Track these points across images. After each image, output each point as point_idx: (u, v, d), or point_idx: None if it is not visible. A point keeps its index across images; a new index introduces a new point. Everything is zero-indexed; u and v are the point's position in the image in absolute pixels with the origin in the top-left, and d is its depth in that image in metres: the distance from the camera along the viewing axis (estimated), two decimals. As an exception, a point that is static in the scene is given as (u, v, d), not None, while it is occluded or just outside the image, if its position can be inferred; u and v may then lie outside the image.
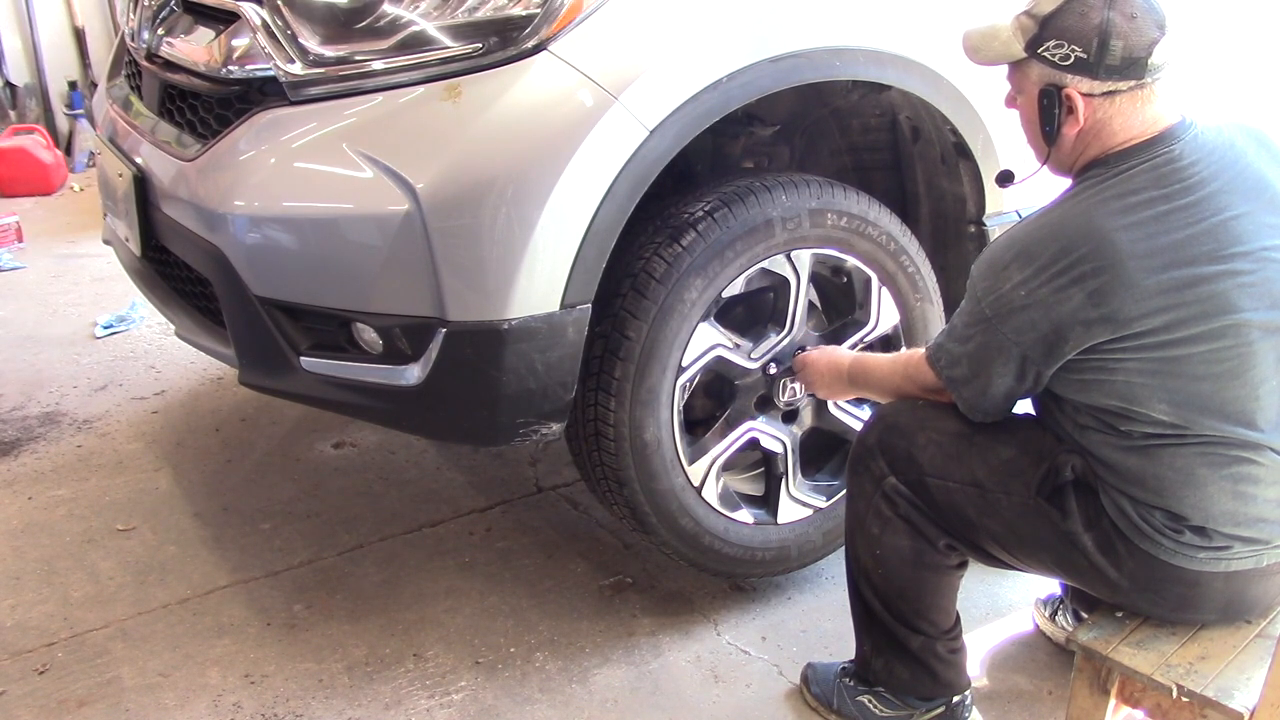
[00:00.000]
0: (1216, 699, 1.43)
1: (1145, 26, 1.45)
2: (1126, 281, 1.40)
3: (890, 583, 1.70)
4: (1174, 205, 1.44)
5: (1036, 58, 1.50)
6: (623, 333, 1.80)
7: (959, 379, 1.58)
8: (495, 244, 1.61)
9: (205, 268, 1.83)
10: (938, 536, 1.66)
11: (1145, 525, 1.49)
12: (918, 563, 1.68)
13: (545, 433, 1.79)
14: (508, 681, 1.94)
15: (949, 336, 1.60)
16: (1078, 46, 1.46)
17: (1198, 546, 1.48)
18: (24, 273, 4.01)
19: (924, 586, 1.70)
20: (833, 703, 1.83)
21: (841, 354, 1.92)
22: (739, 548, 2.03)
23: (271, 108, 1.74)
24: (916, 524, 1.66)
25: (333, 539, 2.34)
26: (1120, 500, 1.51)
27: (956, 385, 1.59)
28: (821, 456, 2.18)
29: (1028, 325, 1.47)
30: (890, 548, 1.68)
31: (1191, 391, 1.44)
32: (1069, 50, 1.46)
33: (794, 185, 1.88)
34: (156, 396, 2.99)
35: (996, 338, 1.50)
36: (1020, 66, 1.54)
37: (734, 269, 1.85)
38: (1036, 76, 1.52)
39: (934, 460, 1.63)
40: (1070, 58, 1.47)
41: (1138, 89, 1.47)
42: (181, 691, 1.90)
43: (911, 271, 2.05)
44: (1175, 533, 1.48)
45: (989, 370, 1.54)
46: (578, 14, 1.63)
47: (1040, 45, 1.49)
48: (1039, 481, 1.56)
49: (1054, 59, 1.48)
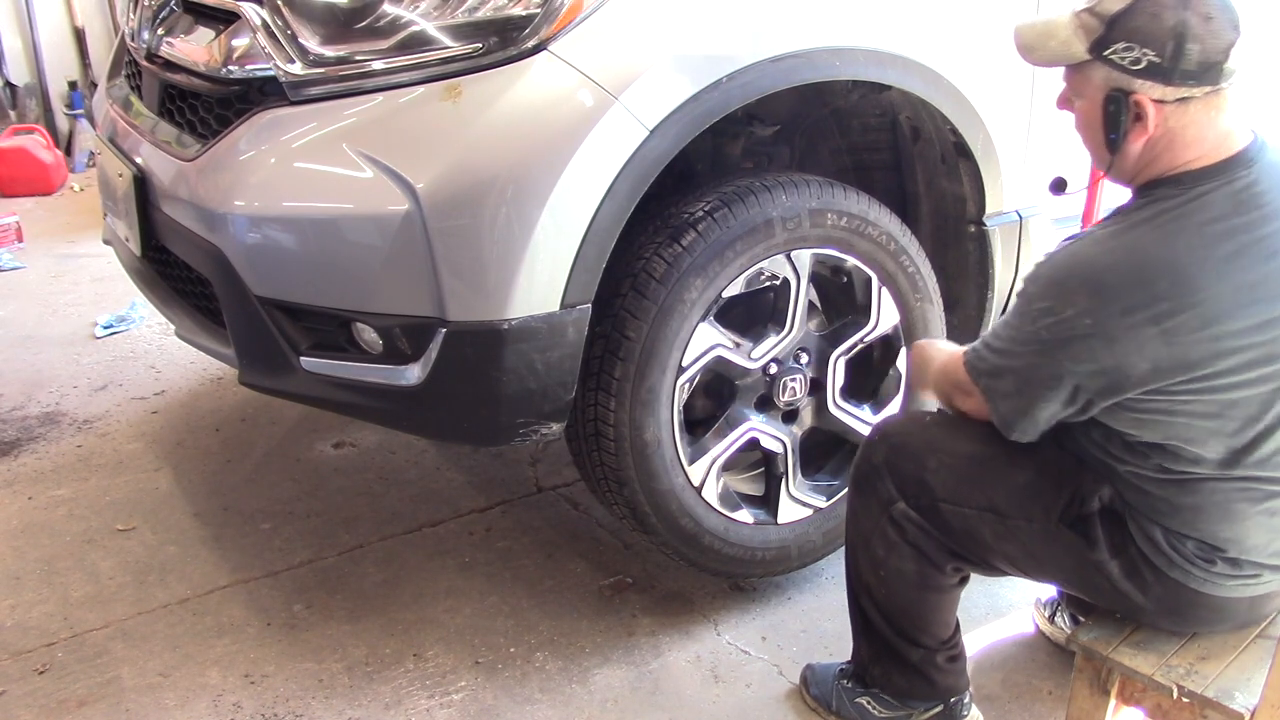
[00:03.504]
0: (1217, 700, 1.43)
1: (1222, 28, 1.33)
2: (1205, 320, 1.32)
3: (892, 600, 1.68)
4: (1254, 235, 1.34)
5: (1102, 60, 1.38)
6: (622, 333, 1.79)
7: (1000, 392, 1.49)
8: (495, 244, 1.61)
9: (205, 268, 1.83)
10: (945, 561, 1.62)
11: (1176, 555, 1.45)
12: (922, 585, 1.65)
13: (545, 433, 1.79)
14: (508, 681, 1.94)
15: (992, 346, 1.50)
16: (1150, 50, 1.33)
17: (1229, 575, 1.46)
18: (24, 273, 4.01)
19: (926, 605, 1.68)
20: (831, 704, 1.83)
21: (935, 348, 1.73)
22: (739, 548, 2.03)
23: (271, 108, 1.73)
24: (924, 549, 1.61)
25: (333, 539, 2.34)
26: (1151, 529, 1.46)
27: (995, 398, 1.50)
28: (821, 456, 2.18)
29: (1088, 356, 1.37)
30: (895, 570, 1.65)
31: (1247, 435, 1.38)
32: (1140, 54, 1.34)
33: (794, 185, 1.88)
34: (156, 396, 2.99)
35: (1050, 363, 1.40)
36: (1081, 68, 1.42)
37: (734, 269, 1.84)
38: (1101, 80, 1.39)
39: (947, 484, 1.57)
40: (1141, 61, 1.34)
41: (1213, 96, 1.36)
42: (181, 691, 1.90)
43: (912, 271, 2.05)
44: (1207, 563, 1.45)
45: (1035, 392, 1.44)
46: (578, 14, 1.63)
47: (1107, 47, 1.37)
48: (1062, 508, 1.50)
49: (1123, 62, 1.36)
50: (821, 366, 2.05)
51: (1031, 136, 2.11)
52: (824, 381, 2.06)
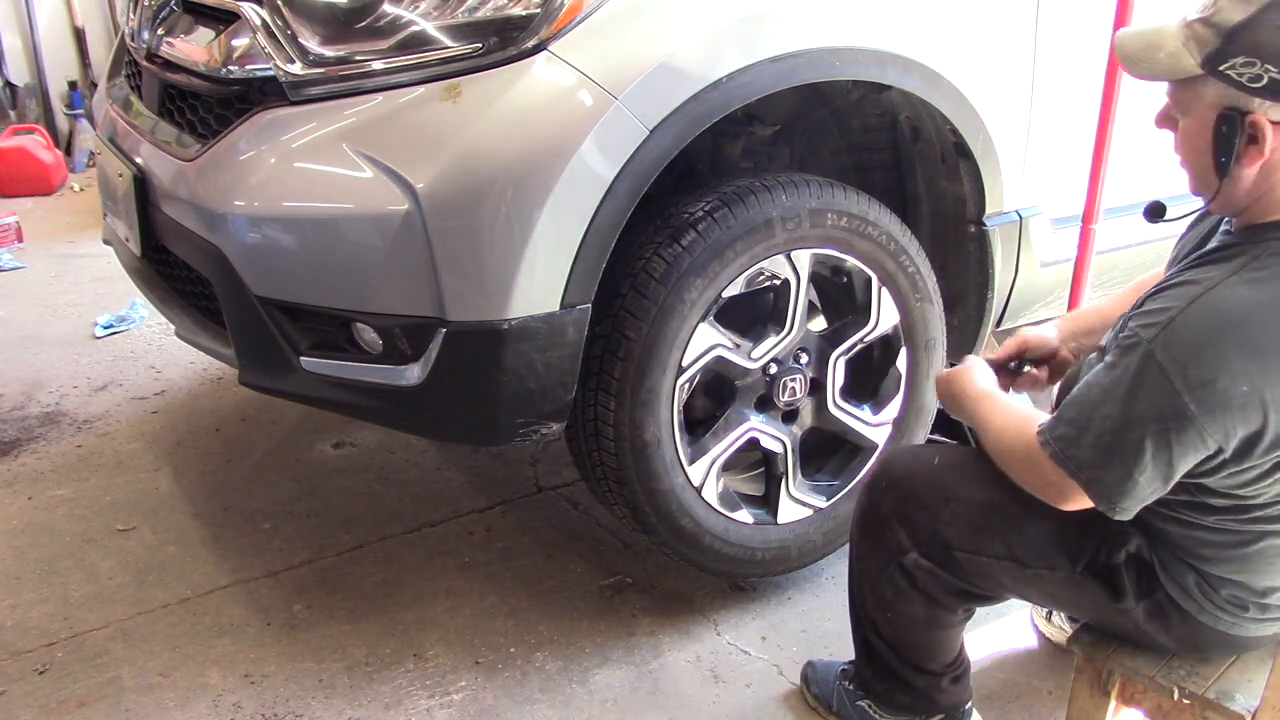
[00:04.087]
0: (1217, 701, 1.43)
1: None
2: None
3: (899, 636, 1.67)
4: None
5: (1217, 75, 1.25)
6: (622, 332, 1.79)
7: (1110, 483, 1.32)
8: (495, 244, 1.61)
9: (205, 267, 1.83)
10: (957, 603, 1.60)
11: (1207, 601, 1.43)
12: (930, 623, 1.63)
13: (545, 433, 1.79)
14: (508, 681, 1.94)
15: (1091, 423, 1.32)
16: (1274, 66, 1.21)
17: (1259, 619, 1.45)
18: (24, 273, 4.01)
19: (933, 639, 1.67)
20: (832, 704, 1.83)
21: (969, 384, 1.59)
22: (739, 548, 2.03)
23: (271, 108, 1.73)
24: (935, 594, 1.58)
25: (333, 539, 2.34)
26: (1184, 577, 1.42)
27: (1100, 488, 1.34)
28: (821, 456, 2.18)
29: (1240, 424, 1.25)
30: (903, 613, 1.62)
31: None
32: (1262, 70, 1.22)
33: (794, 185, 1.88)
34: (156, 396, 2.99)
35: (1189, 434, 1.26)
36: (1190, 84, 1.29)
37: (734, 269, 1.84)
38: (1214, 97, 1.27)
39: (962, 534, 1.51)
40: (1263, 79, 1.22)
41: None
42: (181, 691, 1.90)
43: (911, 272, 2.05)
44: (1239, 609, 1.43)
45: (1160, 468, 1.30)
46: (578, 14, 1.63)
47: (1224, 61, 1.24)
48: (1088, 559, 1.46)
49: (1241, 79, 1.23)
50: (821, 366, 2.05)
51: (1031, 137, 2.11)
52: (824, 381, 2.06)
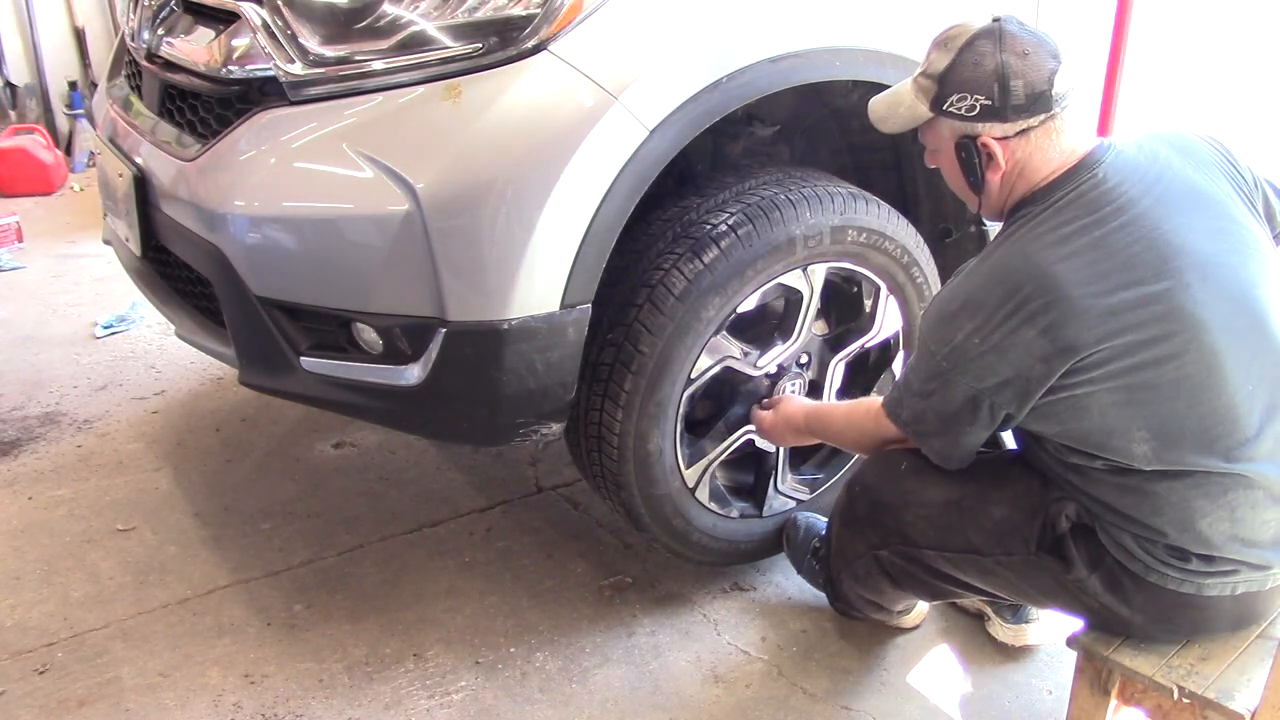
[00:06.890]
0: (1217, 700, 1.44)
1: (1040, 60, 1.45)
2: (1076, 311, 1.39)
3: (868, 591, 1.86)
4: (1109, 228, 1.43)
5: (944, 114, 1.51)
6: (636, 346, 1.79)
7: (927, 433, 1.59)
8: (495, 244, 1.61)
9: (205, 267, 1.83)
10: (928, 594, 1.82)
11: (1149, 558, 1.48)
12: (897, 597, 1.87)
13: (545, 433, 1.79)
14: (508, 681, 1.94)
15: (906, 390, 1.59)
16: (980, 95, 1.47)
17: (1205, 573, 1.47)
18: (24, 273, 4.01)
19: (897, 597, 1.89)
20: (801, 568, 2.10)
21: (794, 408, 1.92)
22: (725, 541, 2.08)
23: (271, 108, 1.73)
24: (906, 584, 1.76)
25: (333, 539, 2.34)
26: (1121, 536, 1.50)
27: (926, 438, 1.60)
28: (809, 449, 2.19)
29: (988, 371, 1.46)
30: (874, 587, 1.83)
31: (1167, 414, 1.42)
32: (974, 100, 1.47)
33: (818, 199, 1.87)
34: (156, 396, 2.99)
35: (959, 389, 1.49)
36: (931, 126, 1.55)
37: (751, 286, 1.85)
38: (949, 132, 1.53)
39: (926, 534, 1.67)
40: (976, 107, 1.48)
41: (1049, 121, 1.48)
42: (181, 691, 1.90)
43: (920, 282, 2.06)
44: (1181, 560, 1.47)
45: (957, 422, 1.53)
46: (578, 14, 1.63)
47: (944, 102, 1.50)
48: (1037, 537, 1.57)
49: (961, 112, 1.49)
50: (821, 370, 2.06)
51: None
52: (822, 384, 2.07)
